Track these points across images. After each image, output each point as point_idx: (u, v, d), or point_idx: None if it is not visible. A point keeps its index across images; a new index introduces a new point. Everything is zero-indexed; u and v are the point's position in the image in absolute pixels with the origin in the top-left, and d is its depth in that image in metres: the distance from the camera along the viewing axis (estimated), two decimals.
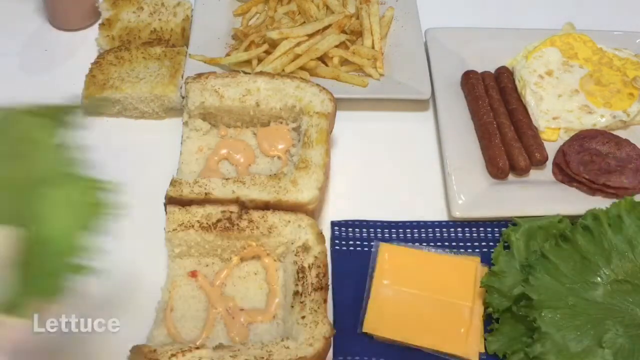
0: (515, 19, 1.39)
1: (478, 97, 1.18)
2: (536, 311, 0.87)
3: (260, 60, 1.21)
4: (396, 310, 0.95)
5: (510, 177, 1.11)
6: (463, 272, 0.99)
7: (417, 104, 1.23)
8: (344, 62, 1.24)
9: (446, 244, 1.04)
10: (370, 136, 1.19)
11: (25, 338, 0.64)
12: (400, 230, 1.05)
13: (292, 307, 0.88)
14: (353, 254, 1.02)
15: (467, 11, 1.43)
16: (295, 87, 1.07)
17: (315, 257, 0.92)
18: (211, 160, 1.05)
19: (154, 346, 0.83)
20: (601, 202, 1.04)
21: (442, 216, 1.08)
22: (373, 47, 1.25)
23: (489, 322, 0.95)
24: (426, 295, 0.96)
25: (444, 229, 1.06)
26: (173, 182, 0.97)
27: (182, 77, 1.17)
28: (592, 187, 1.08)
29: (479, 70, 1.24)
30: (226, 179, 0.98)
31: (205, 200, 0.95)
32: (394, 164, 1.15)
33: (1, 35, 1.30)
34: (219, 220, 0.94)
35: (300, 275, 0.90)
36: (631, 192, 1.08)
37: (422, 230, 1.06)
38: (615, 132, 1.18)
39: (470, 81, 1.21)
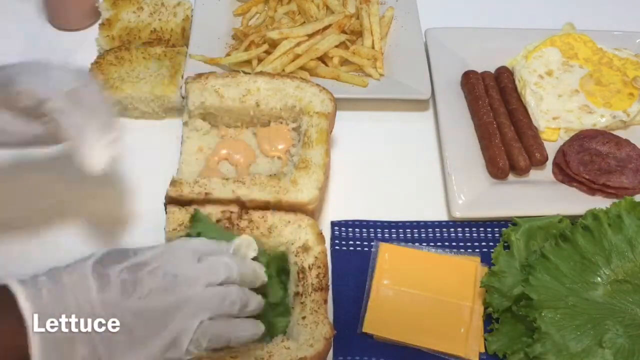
0: (515, 19, 1.39)
1: (478, 97, 1.18)
2: (536, 311, 0.87)
3: (260, 60, 1.21)
4: (396, 310, 0.95)
5: (510, 177, 1.11)
6: (463, 272, 0.99)
7: (417, 104, 1.23)
8: (344, 62, 1.24)
9: (446, 244, 1.04)
10: (370, 136, 1.19)
11: None
12: (400, 230, 1.05)
13: (293, 307, 0.88)
14: (353, 254, 1.02)
15: (467, 11, 1.43)
16: (295, 87, 1.07)
17: (316, 257, 0.92)
18: (211, 160, 1.05)
19: None
20: (601, 202, 1.04)
21: (442, 216, 1.08)
22: (373, 47, 1.25)
23: (489, 322, 0.95)
24: (426, 295, 0.96)
25: (444, 229, 1.06)
26: (173, 182, 0.97)
27: (182, 77, 1.17)
28: (592, 187, 1.08)
29: (479, 70, 1.24)
30: (226, 179, 0.98)
31: (205, 200, 0.95)
32: (394, 164, 1.15)
33: (1, 35, 1.30)
34: (218, 220, 0.94)
35: (301, 275, 0.90)
36: (631, 192, 1.08)
37: (422, 230, 1.06)
38: (615, 132, 1.18)
39: (470, 81, 1.21)
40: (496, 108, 1.17)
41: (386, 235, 1.04)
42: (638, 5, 1.46)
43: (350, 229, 1.04)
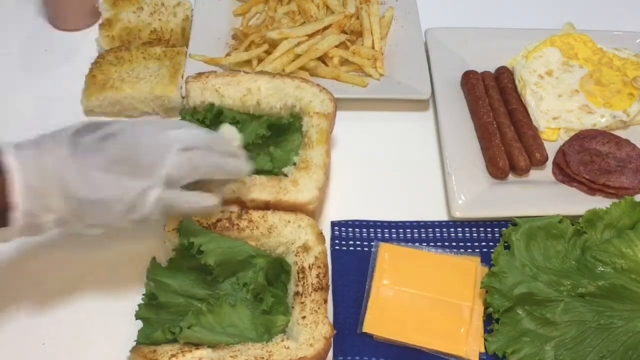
0: (515, 19, 1.39)
1: (478, 97, 1.18)
2: None
3: (260, 60, 1.21)
4: (396, 310, 0.95)
5: (510, 177, 1.11)
6: (463, 272, 0.99)
7: (417, 104, 1.23)
8: (344, 62, 1.24)
9: (446, 244, 1.04)
10: (370, 136, 1.19)
11: None
12: (400, 230, 1.05)
13: (293, 307, 0.88)
14: (353, 254, 1.02)
15: (467, 11, 1.43)
16: (295, 87, 1.06)
17: (316, 257, 0.92)
18: None
19: (154, 346, 0.83)
20: (601, 202, 1.05)
21: (442, 216, 1.08)
22: (373, 47, 1.25)
23: (489, 322, 0.95)
24: (426, 295, 0.96)
25: (444, 229, 1.06)
26: None
27: (182, 77, 1.17)
28: (592, 187, 1.08)
29: (479, 70, 1.24)
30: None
31: None
32: (394, 164, 1.15)
33: (1, 35, 1.31)
34: (219, 220, 0.94)
35: (301, 275, 0.90)
36: (631, 192, 1.08)
37: (422, 230, 1.06)
38: (615, 132, 1.18)
39: (470, 81, 1.21)
40: (496, 108, 1.17)
41: (386, 235, 1.04)
42: (638, 5, 1.47)
43: (350, 229, 1.04)
